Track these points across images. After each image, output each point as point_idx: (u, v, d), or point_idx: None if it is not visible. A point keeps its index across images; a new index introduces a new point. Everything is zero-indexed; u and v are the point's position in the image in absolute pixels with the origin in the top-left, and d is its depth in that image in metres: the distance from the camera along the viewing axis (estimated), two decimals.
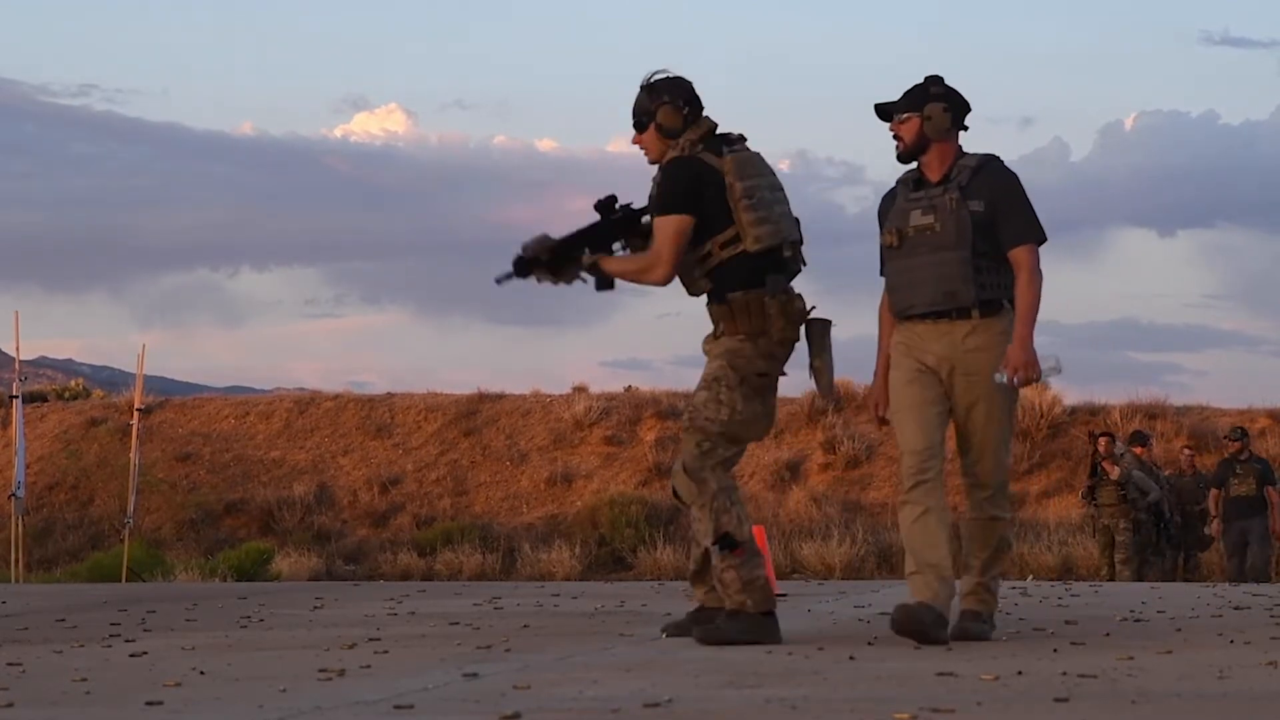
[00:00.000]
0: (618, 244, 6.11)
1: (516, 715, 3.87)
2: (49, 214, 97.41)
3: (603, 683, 4.59)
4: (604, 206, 6.08)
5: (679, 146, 5.98)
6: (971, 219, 5.86)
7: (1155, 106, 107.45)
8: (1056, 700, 4.06)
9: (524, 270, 6.06)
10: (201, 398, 30.72)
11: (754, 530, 5.96)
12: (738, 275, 5.89)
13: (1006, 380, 5.79)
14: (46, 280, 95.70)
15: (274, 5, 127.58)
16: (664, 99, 6.01)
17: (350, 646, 6.01)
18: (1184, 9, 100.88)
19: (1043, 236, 5.95)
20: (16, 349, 18.59)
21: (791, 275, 5.99)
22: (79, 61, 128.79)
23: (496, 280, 6.10)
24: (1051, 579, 17.14)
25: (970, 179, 5.92)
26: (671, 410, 25.53)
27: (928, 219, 5.92)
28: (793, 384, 6.09)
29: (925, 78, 6.01)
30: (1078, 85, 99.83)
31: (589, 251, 6.03)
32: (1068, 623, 6.86)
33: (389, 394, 28.48)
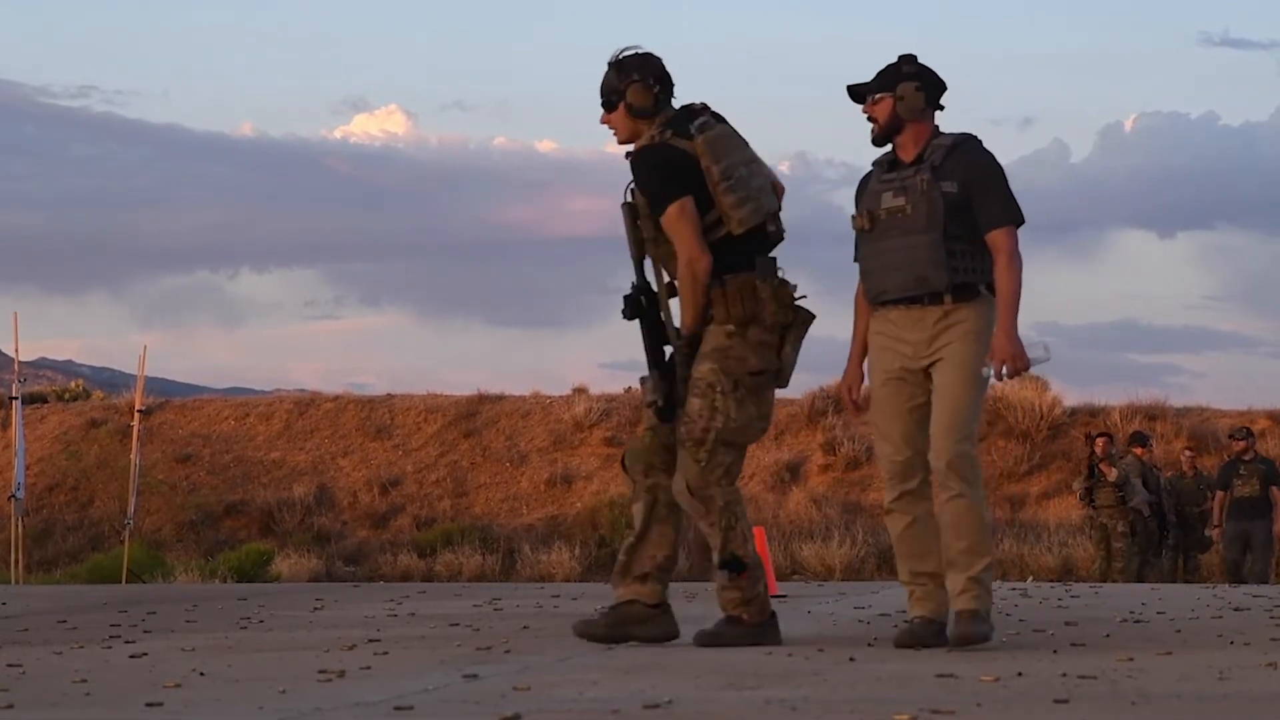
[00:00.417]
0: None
1: (516, 716, 3.87)
2: (49, 215, 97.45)
3: (603, 684, 4.59)
4: (633, 309, 5.84)
5: (648, 135, 5.80)
6: (944, 200, 5.62)
7: (1155, 108, 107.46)
8: (1056, 701, 4.06)
9: (670, 415, 5.80)
10: (201, 399, 30.74)
11: (754, 531, 5.95)
12: (723, 259, 5.71)
13: (994, 373, 5.57)
14: (46, 281, 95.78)
15: (274, 7, 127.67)
16: (633, 77, 5.80)
17: (350, 648, 6.01)
18: (1184, 10, 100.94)
19: (1020, 218, 5.69)
20: (16, 350, 18.60)
21: (774, 247, 5.85)
22: (79, 63, 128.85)
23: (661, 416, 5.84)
24: (1051, 580, 17.13)
25: (944, 159, 5.68)
26: None
27: (899, 201, 5.69)
28: (793, 385, 6.00)
29: (899, 57, 5.81)
30: (1078, 86, 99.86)
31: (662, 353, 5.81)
32: (1068, 624, 6.86)
33: (389, 395, 28.49)
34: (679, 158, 5.74)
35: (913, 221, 5.65)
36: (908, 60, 5.79)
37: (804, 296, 5.84)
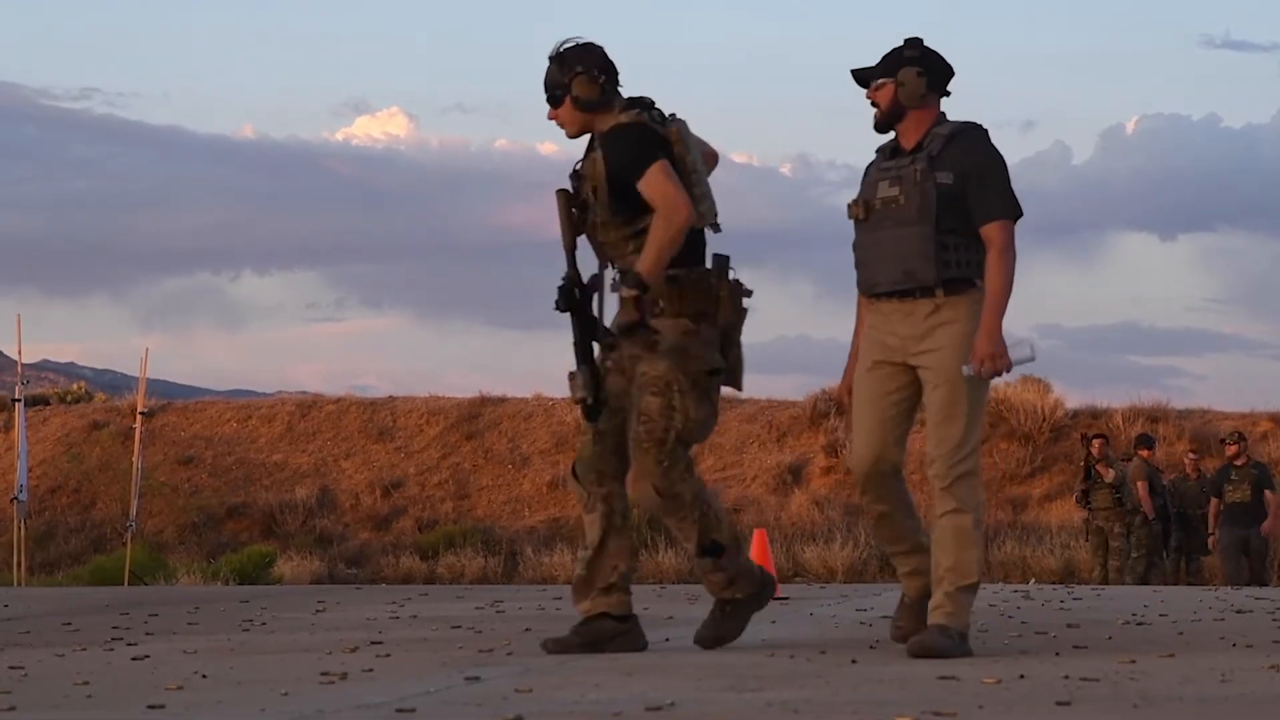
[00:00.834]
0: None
1: (519, 719, 3.87)
2: (50, 217, 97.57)
3: (604, 686, 4.59)
4: (566, 301, 5.62)
5: (627, 116, 5.62)
6: (938, 192, 5.42)
7: (1157, 110, 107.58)
8: (1058, 704, 4.06)
9: (596, 414, 5.64)
10: (203, 401, 30.76)
11: (755, 533, 5.94)
12: (679, 252, 5.54)
13: (973, 372, 5.40)
14: (48, 283, 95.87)
15: (275, 9, 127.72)
16: (577, 69, 5.64)
17: (352, 650, 6.01)
18: (1185, 12, 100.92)
19: (1017, 212, 5.50)
20: (19, 352, 18.61)
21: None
22: (80, 65, 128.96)
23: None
24: (1053, 582, 17.12)
25: (942, 148, 5.48)
26: None
27: (893, 191, 5.51)
28: (795, 387, 5.96)
29: (904, 40, 5.62)
30: (1079, 88, 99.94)
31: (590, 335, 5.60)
32: (1070, 626, 6.85)
33: (390, 397, 28.51)
34: (655, 137, 5.60)
35: (905, 212, 5.48)
36: (911, 45, 5.61)
37: (749, 293, 5.69)
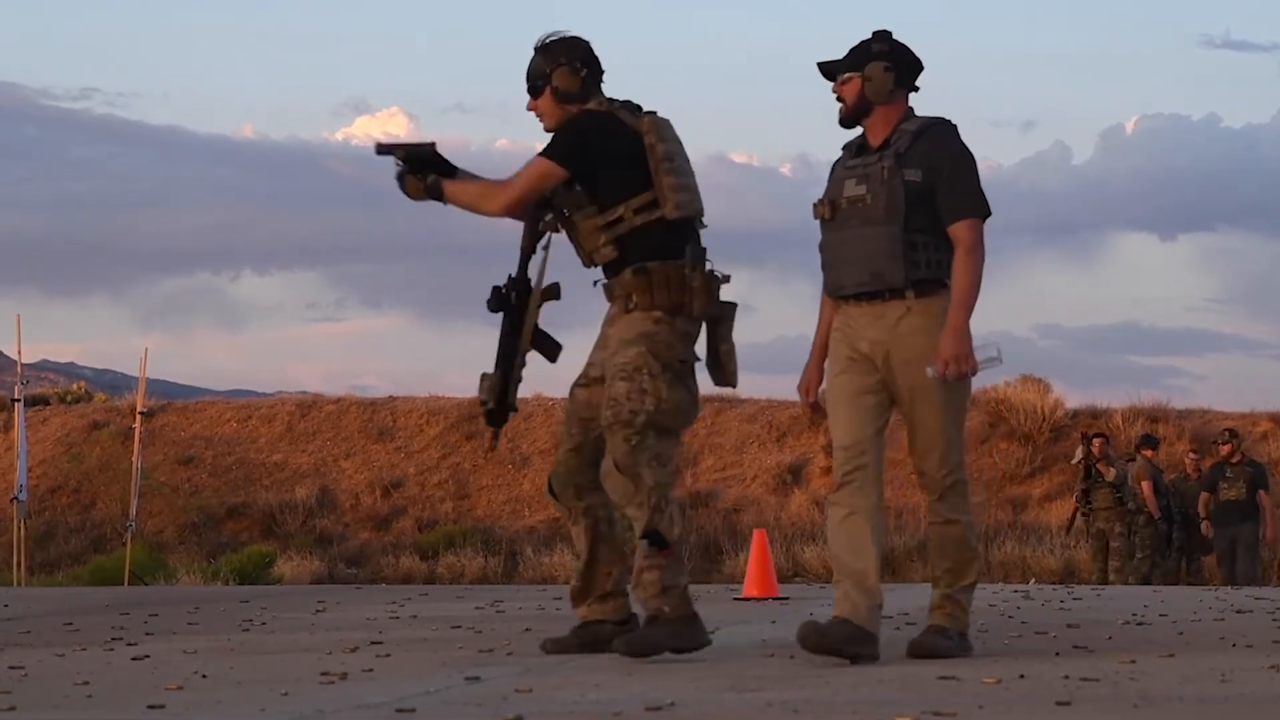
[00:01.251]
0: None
1: (519, 719, 3.87)
2: (50, 217, 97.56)
3: (604, 686, 4.59)
4: (499, 302, 5.73)
5: (595, 102, 5.57)
6: (906, 190, 5.27)
7: (1156, 110, 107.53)
8: (1058, 704, 4.06)
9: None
10: (203, 401, 30.76)
11: (755, 533, 5.91)
12: (649, 244, 5.46)
13: (937, 373, 5.23)
14: (48, 283, 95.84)
15: (275, 9, 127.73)
16: (560, 61, 5.58)
17: (352, 650, 6.01)
18: (1185, 12, 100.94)
19: (985, 210, 5.35)
20: (18, 352, 18.61)
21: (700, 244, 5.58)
22: (80, 65, 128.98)
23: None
24: (1053, 582, 17.12)
25: (910, 145, 5.32)
26: None
27: (860, 189, 5.34)
28: (795, 387, 5.82)
29: (872, 33, 5.47)
30: (1079, 88, 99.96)
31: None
32: (1070, 626, 6.85)
33: (391, 397, 28.51)
34: (615, 127, 5.52)
35: (872, 211, 5.32)
36: (880, 38, 5.46)
37: (727, 279, 5.58)
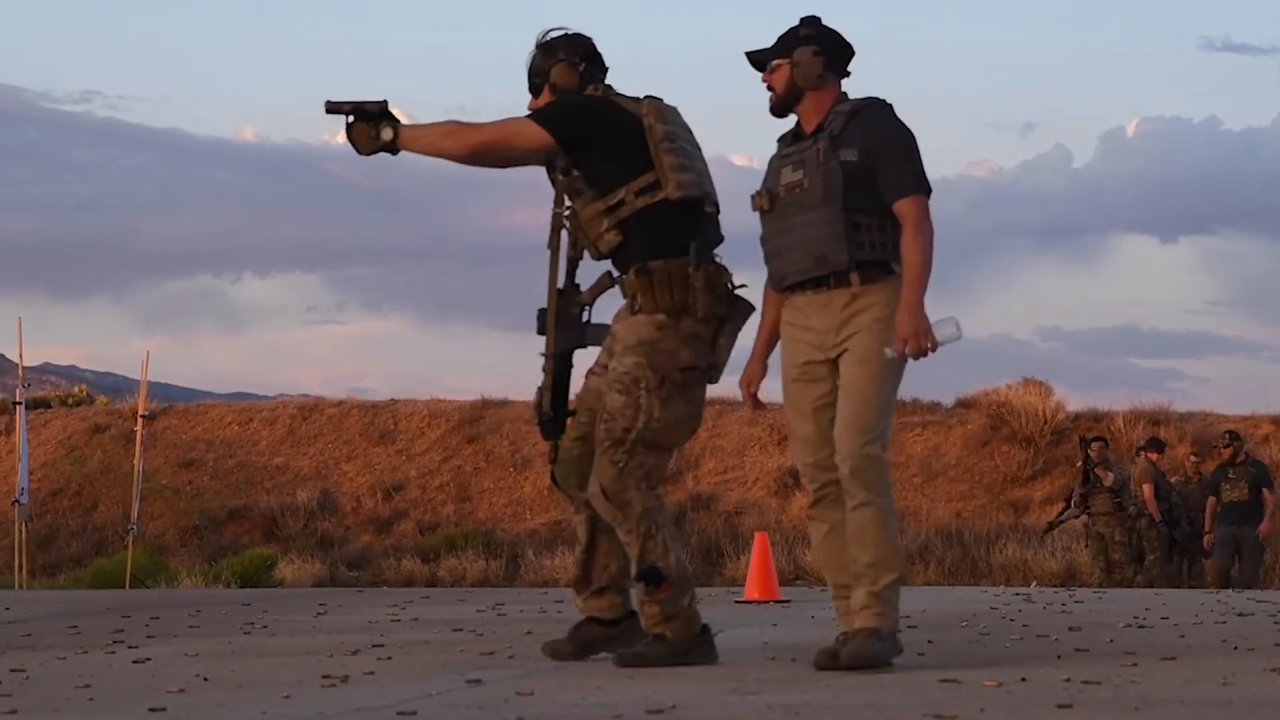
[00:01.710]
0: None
1: None
2: (51, 220, 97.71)
3: (606, 689, 4.59)
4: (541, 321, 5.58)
5: (592, 89, 5.47)
6: (843, 170, 5.13)
7: (1157, 113, 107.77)
8: (1060, 706, 4.06)
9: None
10: (205, 404, 30.75)
11: (756, 537, 5.89)
12: (654, 228, 5.34)
13: (896, 353, 5.07)
14: (49, 286, 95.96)
15: (275, 12, 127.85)
16: (559, 56, 5.51)
17: (354, 653, 6.01)
18: (1185, 15, 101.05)
19: (927, 188, 5.19)
20: (20, 355, 18.60)
21: (714, 244, 5.46)
22: (81, 68, 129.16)
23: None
24: (1055, 585, 17.12)
25: (844, 126, 5.19)
26: None
27: (797, 175, 5.21)
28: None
29: (800, 19, 5.34)
30: (1080, 91, 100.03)
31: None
32: (1071, 629, 6.86)
33: (392, 400, 28.51)
34: (610, 109, 5.42)
35: (810, 196, 5.18)
36: (807, 23, 5.33)
37: (744, 285, 5.46)
